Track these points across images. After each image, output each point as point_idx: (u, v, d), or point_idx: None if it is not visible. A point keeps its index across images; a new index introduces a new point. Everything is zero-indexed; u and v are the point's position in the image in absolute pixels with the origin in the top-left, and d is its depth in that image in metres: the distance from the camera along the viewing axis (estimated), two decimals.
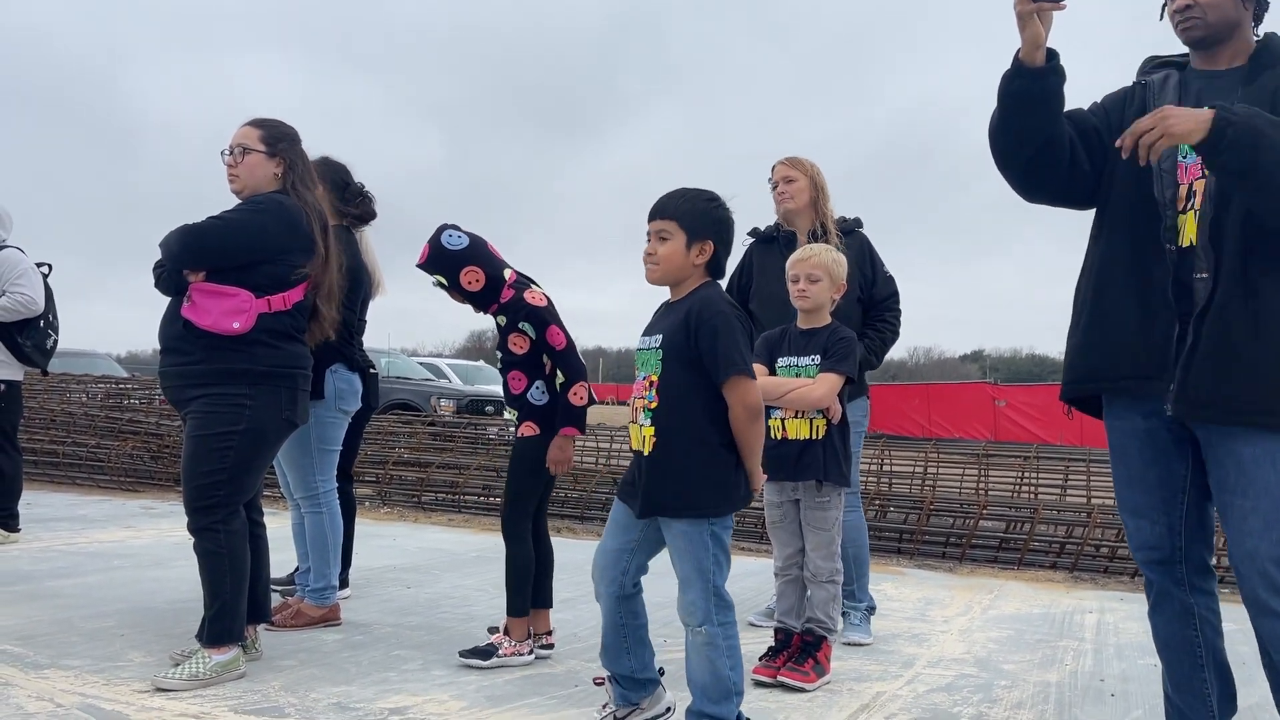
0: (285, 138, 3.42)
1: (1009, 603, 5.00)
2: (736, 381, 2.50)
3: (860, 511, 4.21)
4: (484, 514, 7.72)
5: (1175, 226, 2.26)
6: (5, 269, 5.52)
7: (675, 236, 2.58)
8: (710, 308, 2.54)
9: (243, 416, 3.18)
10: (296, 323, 3.32)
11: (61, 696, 2.92)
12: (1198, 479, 2.33)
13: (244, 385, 3.18)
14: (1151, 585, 2.42)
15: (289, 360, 3.29)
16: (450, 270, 3.51)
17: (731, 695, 2.52)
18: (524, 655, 3.47)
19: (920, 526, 6.50)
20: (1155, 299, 2.27)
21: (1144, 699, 3.35)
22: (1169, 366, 2.23)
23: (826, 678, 3.38)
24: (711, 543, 2.51)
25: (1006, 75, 2.32)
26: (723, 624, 2.51)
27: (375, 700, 3.01)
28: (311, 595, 3.92)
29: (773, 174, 4.28)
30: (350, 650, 3.59)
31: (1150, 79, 2.43)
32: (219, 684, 3.08)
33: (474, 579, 5.09)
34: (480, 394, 13.77)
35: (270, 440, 3.30)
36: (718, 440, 2.53)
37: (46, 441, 8.98)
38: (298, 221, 3.29)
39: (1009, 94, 2.33)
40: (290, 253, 3.25)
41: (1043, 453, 7.84)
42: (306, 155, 3.49)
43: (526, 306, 3.53)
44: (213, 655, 3.12)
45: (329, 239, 3.40)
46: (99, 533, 6.10)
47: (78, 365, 12.33)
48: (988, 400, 22.82)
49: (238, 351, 3.18)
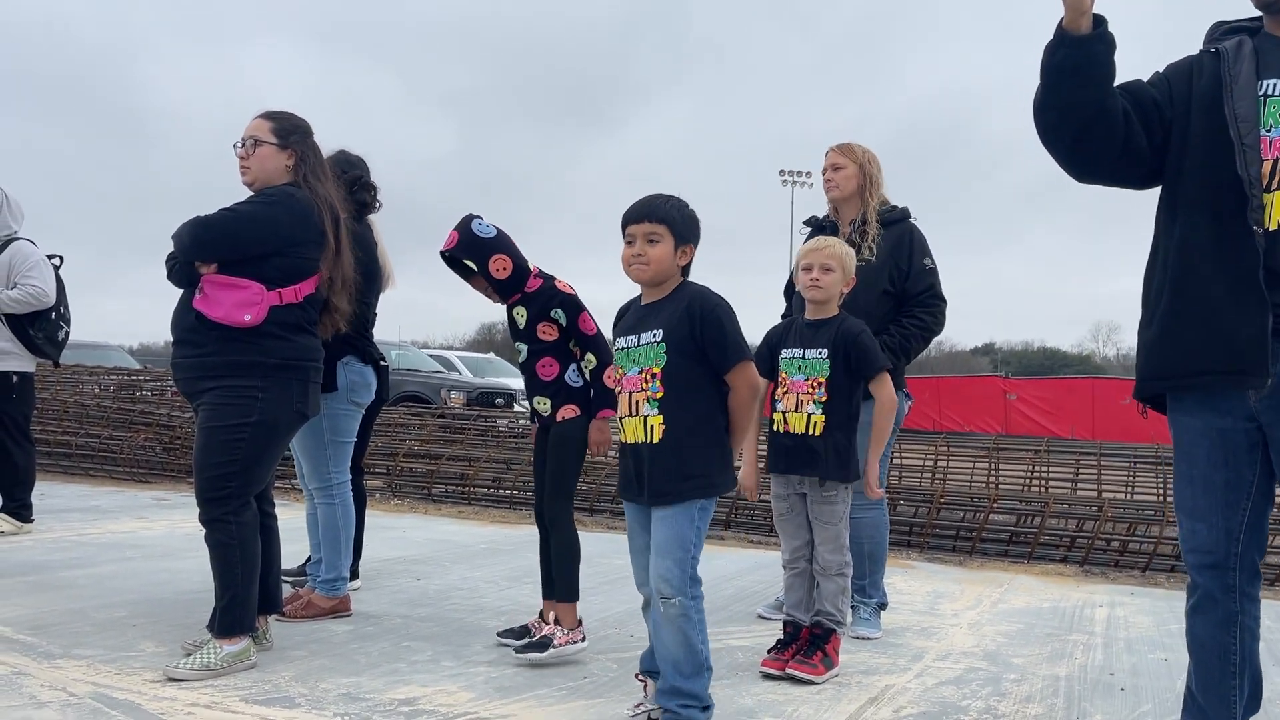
0: (297, 130, 3.42)
1: (1019, 596, 4.99)
2: (744, 366, 2.68)
3: (883, 509, 4.14)
4: (493, 506, 7.74)
5: (1263, 206, 2.07)
6: (17, 261, 5.54)
7: (665, 240, 2.72)
8: (710, 300, 2.70)
9: (254, 408, 3.19)
10: (308, 315, 3.33)
11: (74, 686, 2.94)
12: (1264, 484, 2.19)
13: (255, 377, 3.19)
14: (1196, 588, 2.28)
15: (300, 352, 3.29)
16: (480, 257, 3.54)
17: (703, 669, 2.61)
18: (579, 643, 3.47)
19: (930, 520, 6.49)
20: (1244, 288, 2.08)
21: (1154, 693, 3.34)
22: (1265, 362, 2.06)
23: (835, 670, 3.38)
24: (697, 516, 2.65)
25: (1049, 45, 2.16)
26: (694, 597, 2.62)
27: (385, 691, 3.02)
28: (322, 586, 3.94)
29: (825, 160, 4.25)
30: (360, 641, 3.60)
31: (1222, 46, 2.21)
32: (230, 674, 3.09)
33: (483, 571, 5.10)
34: (490, 386, 13.79)
35: (282, 432, 3.31)
36: (721, 423, 2.71)
37: (59, 433, 9.03)
38: (309, 214, 3.30)
39: (1052, 66, 2.16)
40: (301, 245, 3.26)
41: (1054, 446, 7.81)
42: (318, 148, 3.49)
43: (560, 294, 3.59)
44: (224, 646, 3.14)
45: (340, 231, 3.41)
46: (111, 523, 6.13)
47: (90, 357, 12.40)
48: (998, 393, 22.75)
49: (249, 344, 3.18)
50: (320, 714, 2.79)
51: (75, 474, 8.70)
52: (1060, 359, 54.60)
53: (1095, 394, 21.46)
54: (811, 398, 3.45)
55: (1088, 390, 21.94)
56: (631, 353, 2.75)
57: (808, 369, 3.48)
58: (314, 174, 3.41)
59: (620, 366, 2.80)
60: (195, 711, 2.76)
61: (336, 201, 3.46)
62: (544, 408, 3.60)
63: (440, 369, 15.64)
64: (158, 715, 2.72)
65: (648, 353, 2.70)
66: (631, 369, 2.73)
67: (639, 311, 2.81)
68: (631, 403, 2.72)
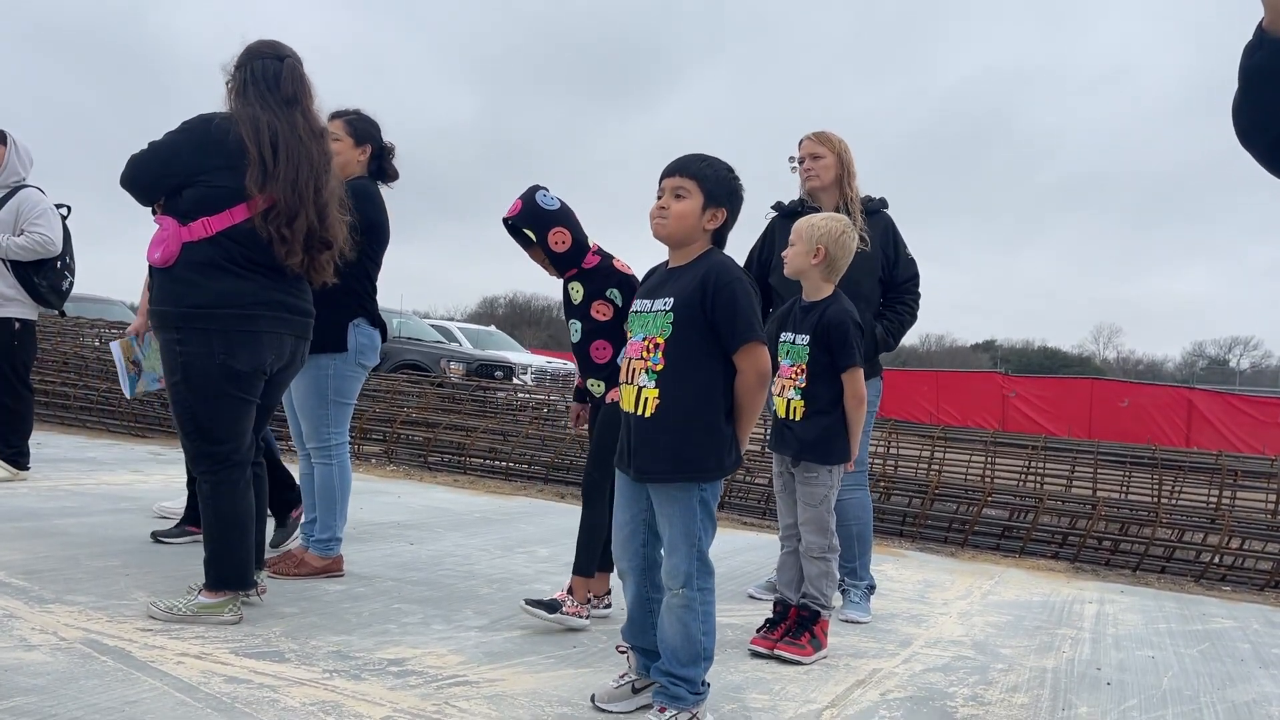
0: (244, 54, 3.19)
1: (1009, 589, 5.01)
2: (753, 347, 2.51)
3: (866, 490, 4.21)
4: (488, 476, 7.75)
5: None
6: (25, 208, 5.53)
7: (693, 196, 2.58)
8: (728, 273, 2.54)
9: (178, 365, 3.00)
10: (226, 252, 2.99)
11: (65, 631, 2.94)
12: None
13: (171, 328, 2.98)
14: None
15: (214, 298, 2.97)
16: (540, 228, 3.48)
17: (700, 659, 2.56)
18: (582, 618, 3.48)
19: (924, 511, 6.50)
20: None
21: (1140, 689, 3.36)
22: None
23: (823, 652, 3.39)
24: (700, 508, 2.54)
25: (1248, 47, 2.02)
26: (702, 589, 2.55)
27: (375, 650, 3.03)
28: (316, 546, 3.94)
29: (799, 148, 4.23)
30: (351, 601, 3.61)
31: None
32: (222, 627, 3.10)
33: (477, 539, 5.11)
34: (489, 359, 13.79)
35: (214, 389, 3.02)
36: (720, 406, 2.54)
37: (58, 383, 9.03)
38: (219, 138, 2.99)
39: (1250, 68, 2.03)
40: (208, 172, 2.98)
41: (1050, 444, 7.82)
42: (274, 69, 3.17)
43: (617, 274, 3.53)
44: (200, 595, 3.15)
45: (280, 152, 3.06)
46: (107, 475, 6.14)
47: (92, 311, 12.38)
48: (997, 390, 22.74)
49: (165, 290, 2.98)
50: (310, 669, 2.80)
51: (72, 425, 8.71)
52: (1060, 359, 54.54)
53: (1094, 395, 21.47)
54: (793, 383, 3.47)
55: (1086, 391, 21.94)
56: (641, 318, 2.63)
57: (794, 354, 3.49)
58: (245, 96, 3.12)
59: (630, 330, 2.69)
60: (185, 661, 2.77)
61: (277, 119, 3.10)
62: (598, 390, 3.57)
63: (441, 339, 15.63)
64: (147, 663, 2.73)
65: (655, 320, 2.57)
66: (638, 334, 2.62)
67: (661, 275, 2.68)
68: (630, 370, 2.60)
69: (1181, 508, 6.62)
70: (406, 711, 2.55)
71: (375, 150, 4.06)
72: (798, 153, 4.23)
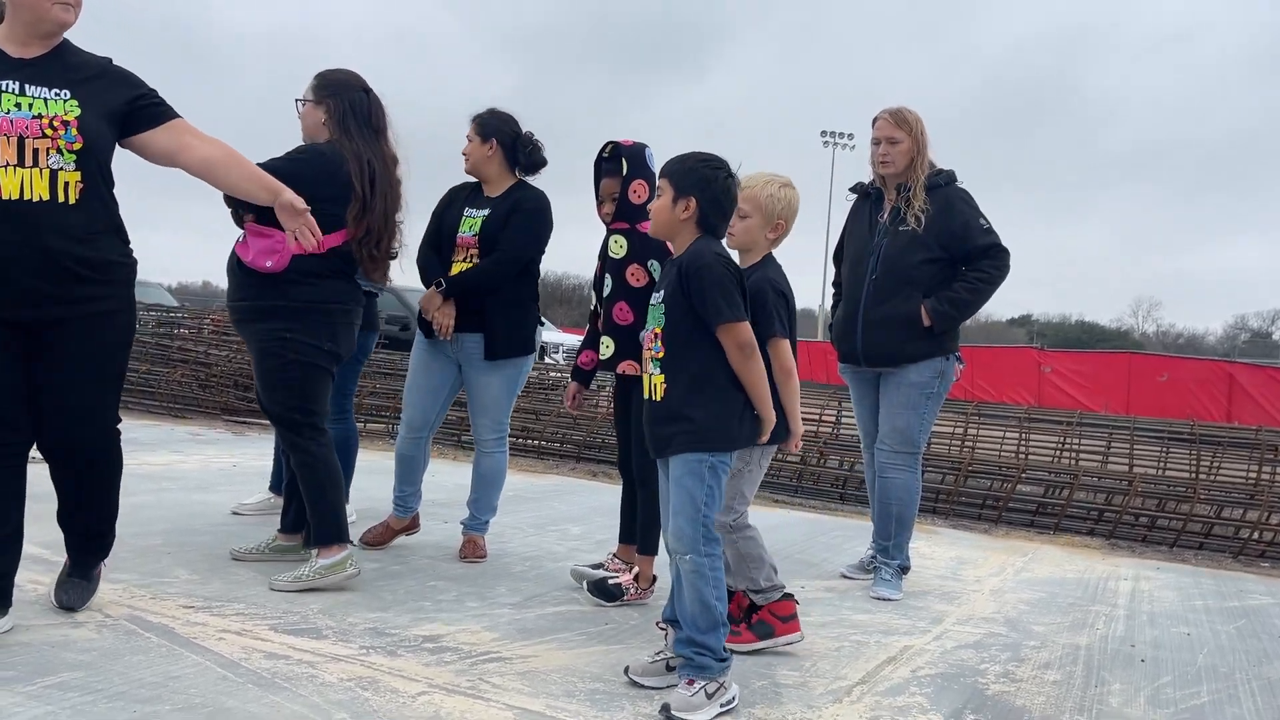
0: (331, 84, 3.64)
1: (1042, 566, 4.98)
2: (727, 327, 2.62)
3: (915, 473, 4.10)
4: (521, 456, 7.80)
5: None
6: None
7: (665, 193, 2.74)
8: (696, 260, 2.65)
9: (287, 348, 3.40)
10: (332, 265, 3.47)
11: (110, 608, 3.02)
12: None
13: (281, 320, 3.41)
14: None
15: (326, 295, 3.47)
16: (635, 170, 3.65)
17: (718, 626, 2.63)
18: (644, 601, 3.59)
19: (957, 487, 6.47)
20: None
21: (1175, 665, 3.34)
22: None
23: (780, 640, 3.13)
24: (708, 474, 2.63)
25: None
26: (709, 555, 2.63)
27: (410, 627, 3.09)
28: (474, 525, 4.19)
29: (874, 128, 4.06)
30: (387, 579, 3.67)
31: None
32: (262, 604, 3.17)
33: (510, 518, 5.15)
34: None
35: (318, 370, 3.49)
36: (724, 380, 2.65)
37: None
38: (333, 170, 3.46)
39: None
40: (323, 201, 3.33)
41: (1086, 420, 7.74)
42: (364, 101, 3.61)
43: (662, 247, 3.51)
44: (319, 558, 3.40)
45: (376, 186, 3.52)
46: (148, 455, 6.25)
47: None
48: (1032, 365, 22.53)
49: (275, 289, 3.41)
50: (347, 646, 2.85)
51: None
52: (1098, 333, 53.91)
53: (1132, 370, 21.20)
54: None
55: (1124, 365, 21.67)
56: (652, 310, 2.78)
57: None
58: (345, 128, 3.56)
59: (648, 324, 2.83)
60: (225, 638, 2.83)
61: (374, 155, 3.57)
62: (607, 350, 3.63)
63: None
64: (189, 640, 2.80)
65: (654, 313, 2.74)
66: (650, 326, 2.77)
67: (665, 268, 2.84)
68: (644, 360, 2.79)
69: (1220, 484, 6.54)
70: (441, 687, 2.59)
71: (508, 142, 4.00)
72: (872, 132, 4.08)
